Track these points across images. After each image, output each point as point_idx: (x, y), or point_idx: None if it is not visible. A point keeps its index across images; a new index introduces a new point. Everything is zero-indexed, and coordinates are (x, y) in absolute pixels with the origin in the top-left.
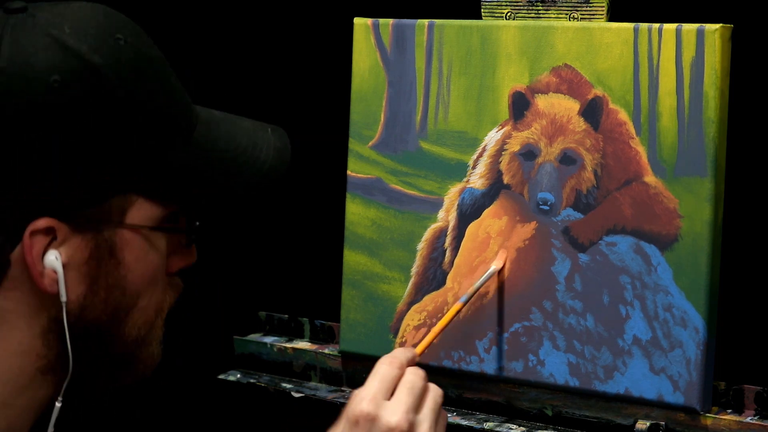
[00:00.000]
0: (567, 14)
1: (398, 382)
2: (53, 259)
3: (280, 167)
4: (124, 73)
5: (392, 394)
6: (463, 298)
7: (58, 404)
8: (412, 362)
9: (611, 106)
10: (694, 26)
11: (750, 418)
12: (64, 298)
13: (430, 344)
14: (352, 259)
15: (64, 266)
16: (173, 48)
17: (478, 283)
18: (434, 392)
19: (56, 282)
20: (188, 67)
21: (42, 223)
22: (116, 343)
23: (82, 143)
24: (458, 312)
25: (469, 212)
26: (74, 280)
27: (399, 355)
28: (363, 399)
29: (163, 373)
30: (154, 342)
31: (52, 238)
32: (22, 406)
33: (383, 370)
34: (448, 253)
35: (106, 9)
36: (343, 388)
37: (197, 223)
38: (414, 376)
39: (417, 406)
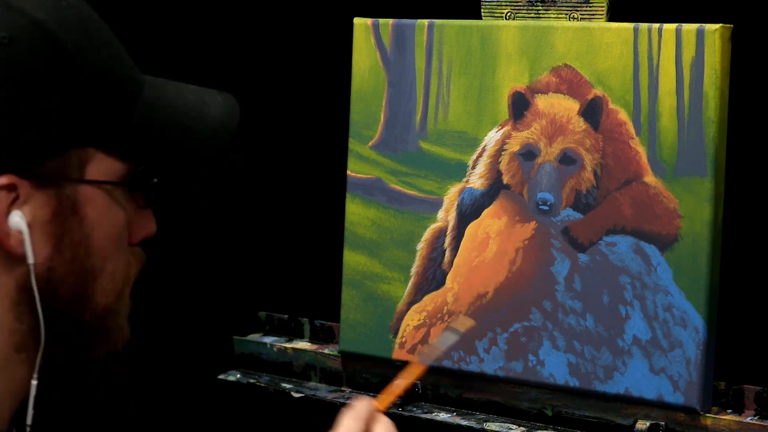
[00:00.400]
0: (567, 14)
1: None
2: (18, 219)
3: (230, 122)
4: (70, 28)
5: None
6: (424, 360)
7: (34, 382)
8: (373, 417)
9: (611, 106)
10: (694, 26)
11: (750, 418)
12: (31, 260)
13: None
14: (352, 259)
15: (29, 226)
16: (172, 45)
17: (438, 345)
18: None
19: (22, 243)
20: (188, 67)
21: (3, 180)
22: (86, 309)
23: (35, 97)
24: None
25: (468, 212)
26: (39, 240)
27: (361, 408)
28: None
29: (163, 373)
30: (122, 313)
31: (14, 197)
32: (1, 388)
33: (347, 424)
34: (447, 253)
35: None
36: (343, 388)
37: (154, 180)
38: (381, 428)
39: None
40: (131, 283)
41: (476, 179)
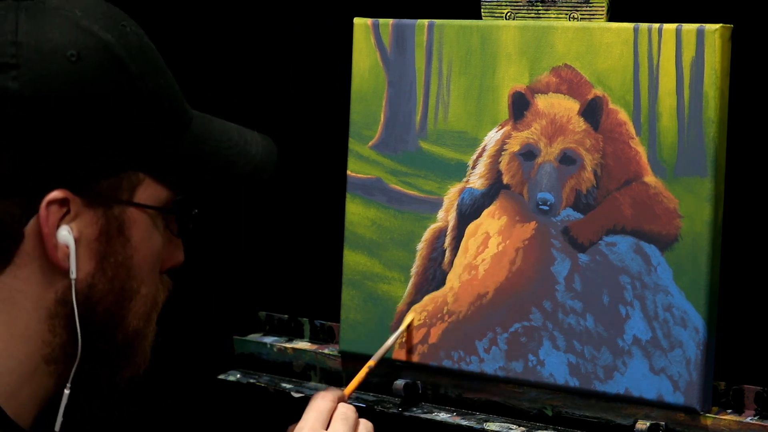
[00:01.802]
0: (567, 14)
1: (332, 414)
2: (66, 233)
3: (269, 161)
4: (134, 53)
5: (328, 425)
6: (392, 338)
7: (66, 391)
8: (343, 399)
9: (611, 106)
10: (694, 26)
11: (750, 418)
12: (74, 275)
13: (357, 386)
14: (352, 259)
15: (76, 241)
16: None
17: (390, 342)
18: (366, 425)
19: (68, 257)
20: (187, 67)
21: (58, 194)
22: (119, 330)
23: (98, 116)
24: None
25: (468, 212)
26: (84, 256)
27: (330, 390)
28: (302, 429)
29: (163, 373)
30: (149, 336)
31: (65, 211)
32: (27, 396)
33: (318, 403)
34: (447, 253)
35: (108, 1)
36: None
37: (195, 211)
38: (346, 408)
39: None
40: (159, 309)
41: (476, 179)
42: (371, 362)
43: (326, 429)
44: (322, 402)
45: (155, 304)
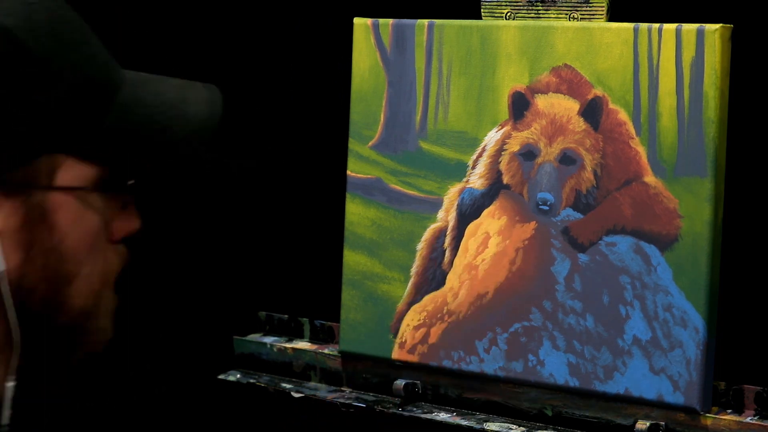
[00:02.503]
0: (567, 14)
1: None
2: None
3: (210, 120)
4: (40, 33)
5: None
6: None
7: (10, 383)
8: None
9: (611, 106)
10: (694, 26)
11: (750, 418)
12: (2, 267)
13: None
14: (352, 259)
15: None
16: (170, 46)
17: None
18: None
19: None
20: (187, 67)
21: None
22: (61, 314)
23: (3, 106)
24: None
25: (468, 212)
26: (10, 248)
27: None
28: None
29: (163, 373)
30: (102, 314)
31: None
32: None
33: None
34: (447, 253)
35: None
36: (342, 388)
37: (131, 182)
38: None
39: None
40: (111, 282)
41: (476, 179)
42: None
43: None
44: None
45: (105, 280)
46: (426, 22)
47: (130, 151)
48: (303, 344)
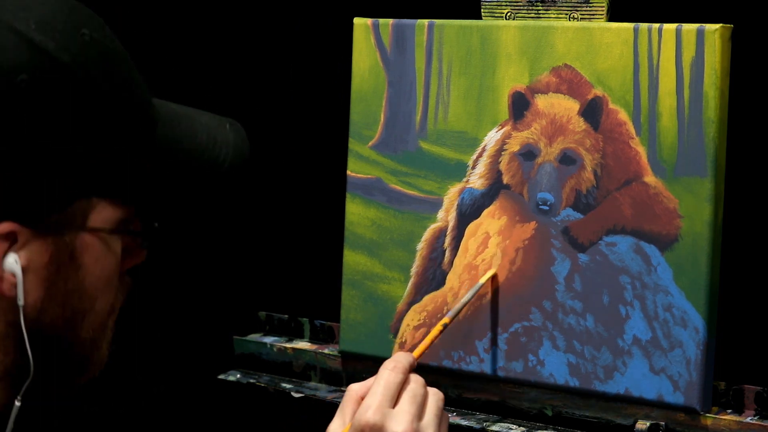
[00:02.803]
0: (567, 14)
1: (401, 388)
2: (12, 262)
3: (239, 165)
4: (92, 71)
5: (396, 401)
6: (469, 295)
7: (17, 403)
8: (413, 367)
9: (611, 106)
10: (694, 26)
11: (750, 418)
12: (21, 302)
13: (429, 347)
14: (352, 259)
15: (24, 270)
16: (170, 46)
17: (463, 299)
18: (435, 397)
19: (15, 286)
20: (187, 67)
21: (4, 227)
22: (73, 346)
23: (48, 147)
24: (447, 324)
25: (468, 212)
26: (33, 284)
27: (401, 360)
28: (369, 408)
29: (163, 373)
30: (104, 342)
31: (12, 241)
32: None
33: (387, 376)
34: (447, 253)
35: (70, 1)
36: (342, 388)
37: (156, 224)
38: (415, 384)
39: (420, 413)
40: (116, 313)
41: (476, 179)
42: (446, 320)
43: (394, 408)
44: (391, 375)
45: (112, 311)
46: (426, 22)
47: (163, 194)
48: (303, 344)
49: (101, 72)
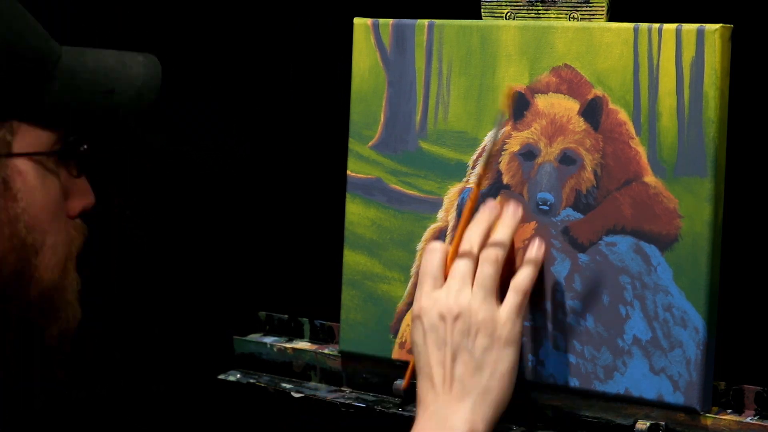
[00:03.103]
0: (567, 14)
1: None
2: None
3: (154, 80)
4: None
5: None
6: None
7: None
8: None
9: (611, 106)
10: (694, 26)
11: (750, 418)
12: None
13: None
14: (352, 259)
15: None
16: (170, 45)
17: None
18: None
19: None
20: (187, 67)
21: None
22: (31, 286)
23: None
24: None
25: None
26: None
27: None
28: (418, 299)
29: (163, 373)
30: (69, 289)
31: None
32: None
33: (428, 260)
34: None
35: None
36: (343, 388)
37: (84, 146)
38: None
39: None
40: (74, 257)
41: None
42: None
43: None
44: (432, 257)
45: (69, 253)
46: (426, 22)
47: (80, 114)
48: (303, 344)
49: None
